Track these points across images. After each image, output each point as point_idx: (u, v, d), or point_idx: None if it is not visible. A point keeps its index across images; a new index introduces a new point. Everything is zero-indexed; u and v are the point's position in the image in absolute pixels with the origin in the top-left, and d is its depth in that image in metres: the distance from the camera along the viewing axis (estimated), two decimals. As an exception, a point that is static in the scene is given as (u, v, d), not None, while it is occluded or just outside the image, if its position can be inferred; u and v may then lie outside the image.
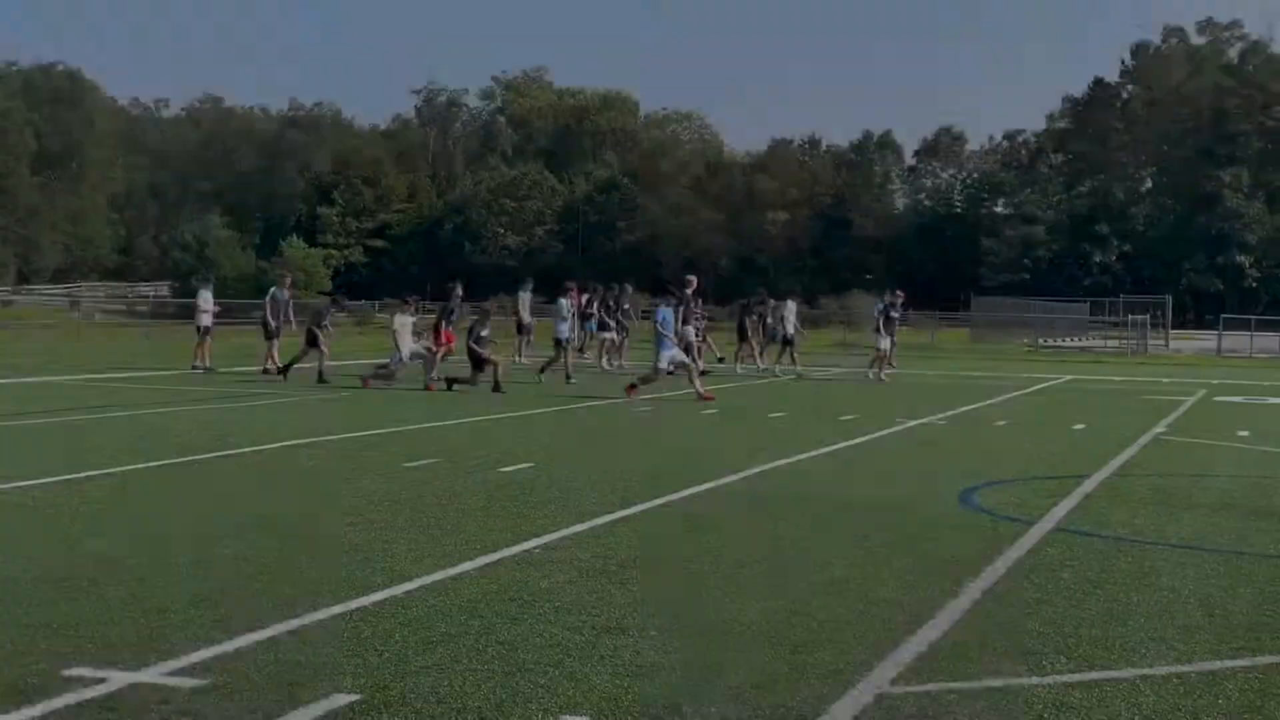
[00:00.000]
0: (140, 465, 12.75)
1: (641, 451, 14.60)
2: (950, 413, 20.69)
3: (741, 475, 12.71)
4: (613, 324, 31.20)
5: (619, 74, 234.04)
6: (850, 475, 12.88)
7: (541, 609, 7.11)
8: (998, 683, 5.96)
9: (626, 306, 32.09)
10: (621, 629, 6.73)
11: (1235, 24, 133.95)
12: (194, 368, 28.42)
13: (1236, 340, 57.06)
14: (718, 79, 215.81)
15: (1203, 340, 65.81)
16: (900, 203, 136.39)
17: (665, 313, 22.88)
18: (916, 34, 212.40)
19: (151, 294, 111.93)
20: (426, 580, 7.76)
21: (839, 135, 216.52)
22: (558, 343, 27.18)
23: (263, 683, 5.75)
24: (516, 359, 31.22)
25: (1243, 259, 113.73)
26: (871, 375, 28.27)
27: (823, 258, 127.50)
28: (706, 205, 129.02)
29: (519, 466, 13.06)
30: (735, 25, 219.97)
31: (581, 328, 31.88)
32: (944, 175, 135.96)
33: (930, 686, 5.89)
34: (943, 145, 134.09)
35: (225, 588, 7.51)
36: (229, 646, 6.29)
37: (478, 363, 23.63)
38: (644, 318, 33.44)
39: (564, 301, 27.82)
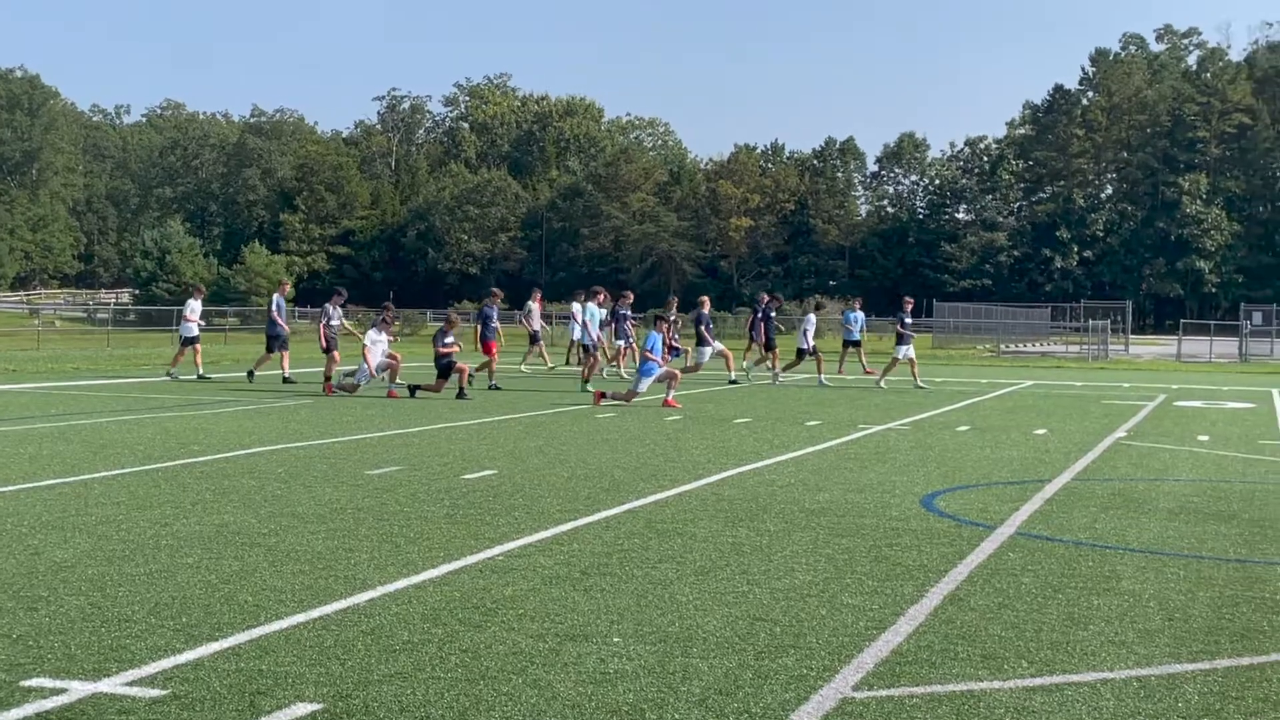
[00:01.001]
0: (102, 473, 12.66)
1: (606, 458, 14.59)
2: (913, 418, 20.77)
3: (705, 481, 12.74)
4: (628, 331, 31.33)
5: (582, 80, 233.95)
6: (814, 481, 12.91)
7: (504, 616, 7.10)
8: (960, 687, 5.98)
9: (626, 313, 31.99)
10: (585, 636, 6.73)
11: (1193, 31, 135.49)
12: (168, 375, 28.29)
13: (1196, 345, 57.51)
14: (681, 85, 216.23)
15: (1163, 345, 66.35)
16: (863, 209, 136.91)
17: (654, 338, 23.20)
18: (878, 40, 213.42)
19: (113, 301, 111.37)
20: (389, 588, 7.75)
21: (802, 141, 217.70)
22: (586, 349, 27.45)
23: (224, 692, 5.72)
24: (522, 368, 31.33)
25: (1202, 264, 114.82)
26: (884, 383, 28.51)
27: (786, 264, 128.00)
28: (670, 211, 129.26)
29: (483, 473, 13.04)
30: (698, 31, 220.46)
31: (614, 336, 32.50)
32: (906, 182, 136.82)
33: (893, 691, 5.91)
34: (905, 152, 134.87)
35: (186, 597, 7.47)
36: (190, 656, 6.26)
37: (444, 370, 23.62)
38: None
39: (592, 306, 28.17)
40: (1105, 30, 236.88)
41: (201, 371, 28.39)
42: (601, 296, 30.95)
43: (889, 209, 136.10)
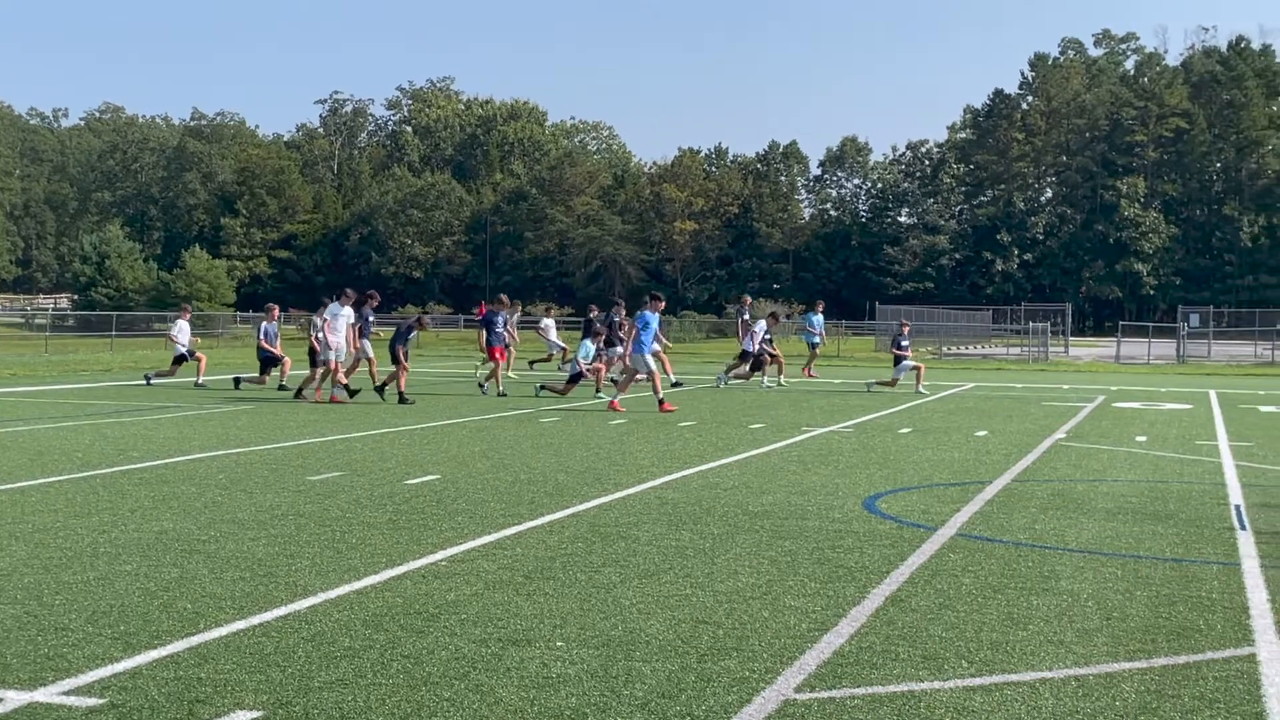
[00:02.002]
0: (39, 480, 12.52)
1: (550, 462, 14.57)
2: (856, 421, 20.88)
3: (649, 485, 12.75)
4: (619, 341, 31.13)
5: (526, 84, 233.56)
6: (757, 483, 12.95)
7: (447, 622, 7.08)
8: (901, 688, 6.02)
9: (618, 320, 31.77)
10: (528, 641, 6.72)
11: (1131, 36, 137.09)
12: (152, 378, 28.16)
13: (1134, 347, 58.11)
14: (625, 88, 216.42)
15: (1102, 347, 67.04)
16: (806, 212, 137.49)
17: (645, 316, 23.47)
18: (820, 44, 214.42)
19: (51, 306, 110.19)
20: (330, 595, 7.70)
21: (745, 145, 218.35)
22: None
23: (163, 701, 5.67)
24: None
25: (1140, 267, 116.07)
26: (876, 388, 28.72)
27: (730, 267, 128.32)
28: (614, 215, 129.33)
29: (425, 478, 13.00)
30: (641, 35, 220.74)
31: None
32: (849, 185, 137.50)
33: (835, 693, 5.94)
34: (847, 155, 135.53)
35: (125, 605, 7.40)
36: (128, 664, 6.20)
37: (395, 360, 23.59)
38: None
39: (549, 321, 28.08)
40: (1044, 35, 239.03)
41: (200, 380, 28.28)
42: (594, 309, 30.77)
43: (832, 212, 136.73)
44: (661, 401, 22.29)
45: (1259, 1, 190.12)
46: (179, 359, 29.10)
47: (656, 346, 24.76)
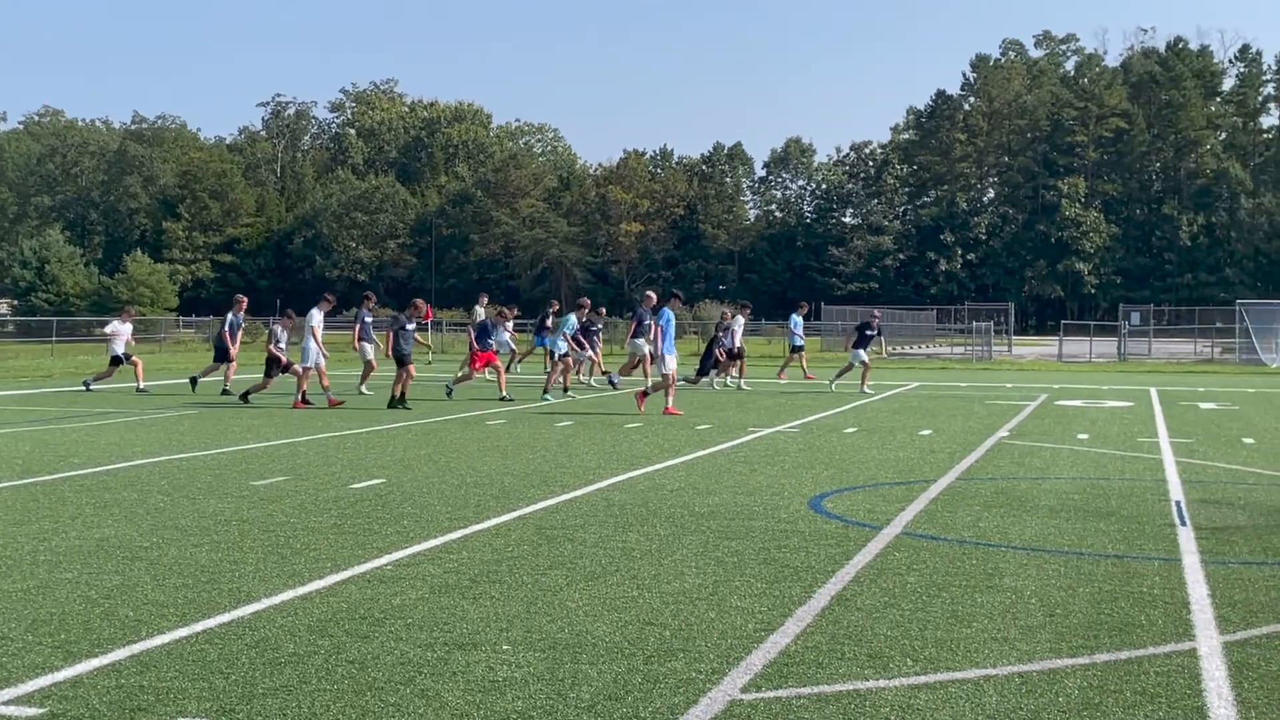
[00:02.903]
0: (-24, 489, 12.36)
1: (496, 465, 14.54)
2: (802, 421, 20.95)
3: (596, 487, 12.74)
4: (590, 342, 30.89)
5: (470, 87, 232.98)
6: (704, 484, 12.97)
7: (392, 626, 7.05)
8: (846, 687, 6.04)
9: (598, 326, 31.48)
10: (474, 644, 6.70)
11: (1071, 37, 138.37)
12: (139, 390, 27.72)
13: (1076, 345, 58.68)
14: (570, 91, 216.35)
15: (1044, 346, 67.61)
16: (751, 214, 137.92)
17: (667, 314, 23.35)
18: (765, 45, 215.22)
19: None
20: (274, 600, 7.65)
21: (690, 147, 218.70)
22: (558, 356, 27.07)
23: (104, 710, 5.61)
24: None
25: (1081, 266, 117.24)
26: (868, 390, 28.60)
27: (676, 268, 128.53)
28: (560, 217, 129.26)
29: (371, 482, 12.93)
30: (586, 37, 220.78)
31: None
32: (793, 186, 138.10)
33: (781, 693, 5.95)
34: (792, 157, 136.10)
35: (66, 613, 7.31)
36: (69, 673, 6.13)
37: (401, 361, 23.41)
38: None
39: (571, 319, 27.55)
40: (986, 36, 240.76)
41: (141, 385, 27.88)
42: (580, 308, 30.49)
43: (777, 213, 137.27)
44: (642, 395, 22.44)
45: (1197, 3, 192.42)
46: (115, 360, 28.58)
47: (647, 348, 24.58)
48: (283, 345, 24.76)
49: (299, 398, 23.42)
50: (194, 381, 27.33)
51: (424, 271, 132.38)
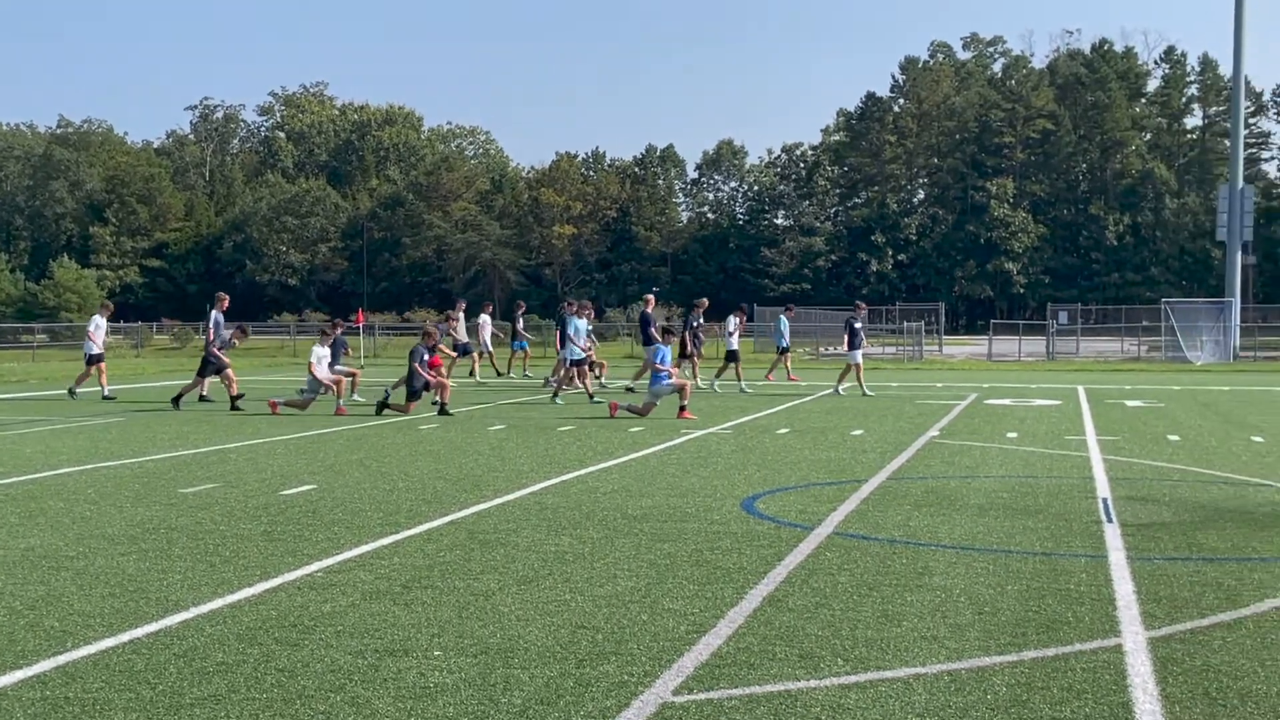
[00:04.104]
0: (-103, 500, 12.15)
1: (428, 469, 14.48)
2: (735, 422, 21.01)
3: (529, 490, 12.72)
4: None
5: (401, 89, 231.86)
6: (637, 487, 12.98)
7: (323, 634, 7.00)
8: (777, 688, 6.07)
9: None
10: (405, 651, 6.67)
11: (998, 39, 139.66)
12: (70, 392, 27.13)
13: (1006, 345, 59.27)
14: (501, 93, 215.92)
15: (974, 345, 68.22)
16: (684, 215, 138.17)
17: (663, 351, 23.34)
18: (695, 48, 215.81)
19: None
20: (202, 609, 7.58)
21: (623, 149, 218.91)
22: (572, 363, 26.56)
23: (28, 723, 5.54)
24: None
25: (1010, 266, 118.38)
26: (843, 390, 28.51)
27: (609, 270, 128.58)
28: (493, 220, 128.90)
29: (301, 489, 12.84)
30: (517, 39, 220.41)
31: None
32: (726, 188, 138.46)
33: (713, 694, 5.97)
34: (724, 159, 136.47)
35: (-12, 625, 7.21)
36: (-8, 687, 6.05)
37: (418, 391, 22.98)
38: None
39: (580, 323, 27.10)
40: (914, 38, 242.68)
41: (106, 392, 27.36)
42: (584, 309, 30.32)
43: (709, 215, 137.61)
44: (644, 406, 22.30)
45: (1121, 5, 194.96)
46: (92, 359, 27.81)
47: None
48: (213, 338, 24.43)
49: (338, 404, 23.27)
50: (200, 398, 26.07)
51: (356, 275, 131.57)
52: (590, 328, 28.83)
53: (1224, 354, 52.95)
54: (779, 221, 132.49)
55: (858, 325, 28.88)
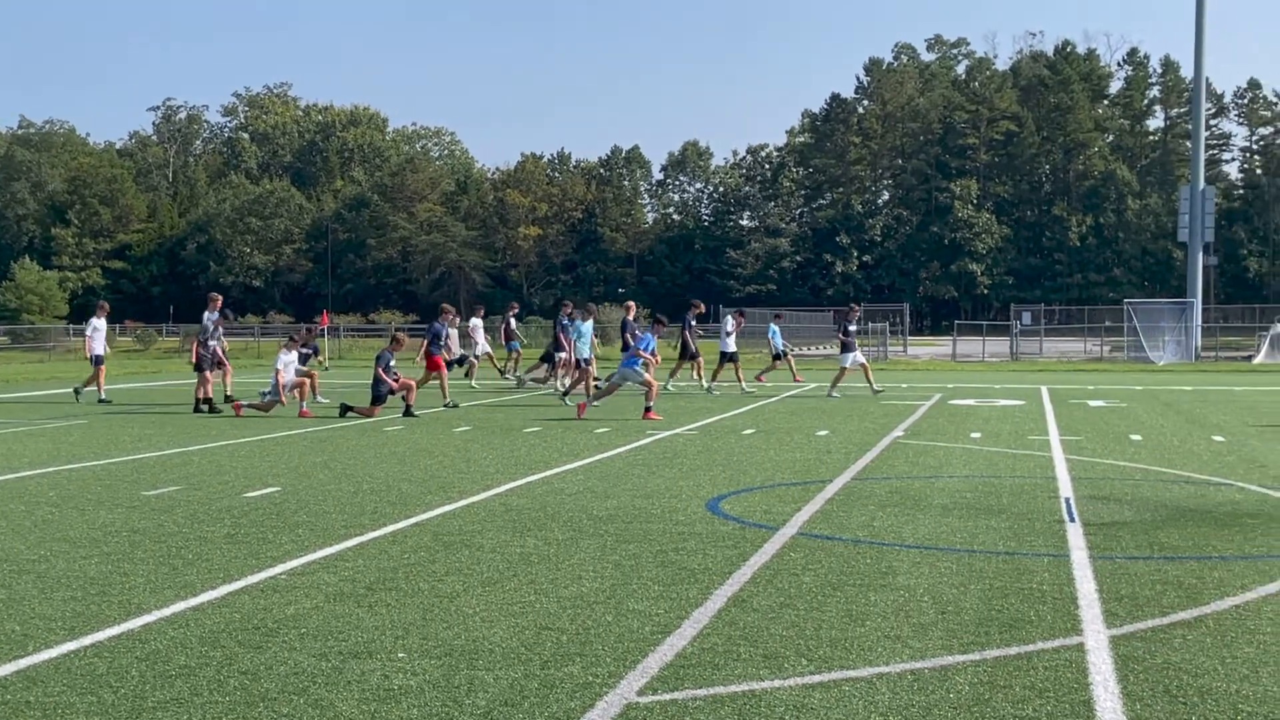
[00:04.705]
0: None
1: (393, 471, 14.44)
2: (700, 423, 21.03)
3: (494, 492, 12.70)
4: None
5: (366, 90, 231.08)
6: (602, 488, 12.98)
7: (286, 636, 6.97)
8: (742, 688, 6.08)
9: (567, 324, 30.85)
10: (369, 653, 6.65)
11: (962, 41, 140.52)
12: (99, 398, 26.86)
13: (970, 345, 59.51)
14: (466, 94, 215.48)
15: (939, 346, 68.47)
16: (650, 217, 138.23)
17: (649, 340, 23.49)
18: (661, 49, 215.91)
19: None
20: (165, 612, 7.54)
21: (588, 150, 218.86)
22: (579, 364, 26.37)
23: (-12, 728, 5.50)
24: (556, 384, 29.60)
25: (974, 267, 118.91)
26: (836, 394, 28.34)
27: (575, 272, 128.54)
28: (458, 221, 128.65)
29: (265, 491, 12.79)
30: (482, 40, 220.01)
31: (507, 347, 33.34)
32: (691, 189, 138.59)
33: (677, 695, 5.98)
34: (689, 160, 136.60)
35: (-52, 630, 7.15)
36: (-49, 692, 6.00)
37: (381, 396, 22.89)
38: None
39: (586, 326, 26.91)
40: (879, 40, 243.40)
41: (102, 395, 27.18)
42: (575, 310, 30.21)
43: (675, 216, 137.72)
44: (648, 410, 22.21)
45: (1084, 7, 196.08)
46: (98, 359, 27.59)
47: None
48: (207, 340, 24.21)
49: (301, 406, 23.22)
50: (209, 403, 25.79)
51: (320, 277, 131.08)
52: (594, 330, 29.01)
53: (1186, 354, 53.35)
54: (744, 223, 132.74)
55: (852, 328, 29.01)
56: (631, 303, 34.13)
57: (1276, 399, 27.75)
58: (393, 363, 23.17)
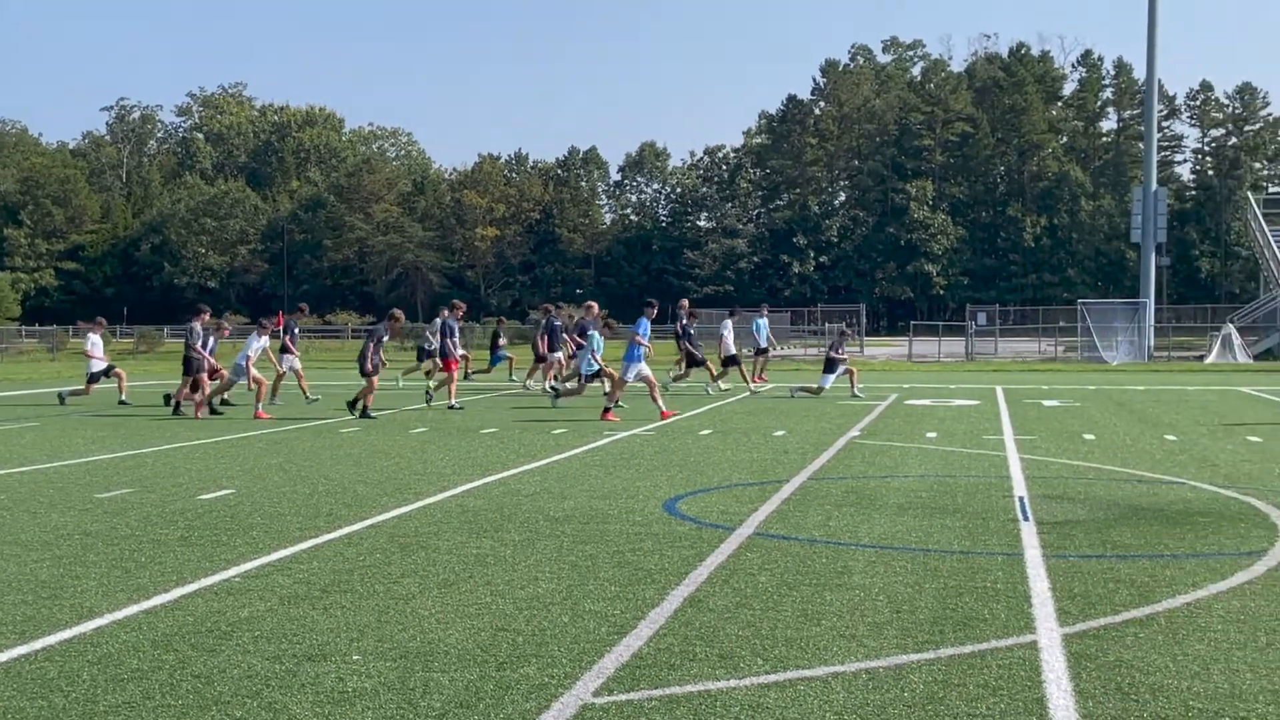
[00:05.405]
0: None
1: (349, 472, 14.38)
2: (658, 424, 21.04)
3: (450, 493, 12.67)
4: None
5: (321, 90, 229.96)
6: (559, 489, 12.97)
7: (240, 639, 6.93)
8: (697, 688, 6.09)
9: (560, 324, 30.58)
10: (323, 656, 6.62)
11: (918, 43, 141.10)
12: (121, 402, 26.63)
13: (926, 346, 59.80)
14: (422, 95, 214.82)
15: (895, 346, 68.79)
16: (607, 217, 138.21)
17: (644, 324, 23.50)
18: (617, 50, 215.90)
19: None
20: (117, 615, 7.48)
21: (545, 151, 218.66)
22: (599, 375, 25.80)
23: (-64, 734, 5.44)
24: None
25: (930, 268, 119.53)
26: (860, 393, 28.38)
27: (532, 273, 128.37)
28: (415, 222, 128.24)
29: (220, 493, 12.71)
30: (438, 41, 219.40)
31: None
32: (649, 190, 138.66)
33: (633, 695, 5.98)
34: (647, 161, 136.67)
35: (-104, 635, 7.07)
36: (-101, 697, 5.93)
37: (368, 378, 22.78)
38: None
39: (596, 335, 26.62)
40: (835, 41, 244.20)
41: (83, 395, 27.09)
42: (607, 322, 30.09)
43: (633, 217, 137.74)
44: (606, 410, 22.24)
45: (1038, 10, 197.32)
46: (93, 377, 27.32)
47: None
48: (200, 347, 24.02)
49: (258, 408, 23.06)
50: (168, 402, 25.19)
51: (276, 278, 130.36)
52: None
53: (1138, 354, 53.80)
54: (702, 223, 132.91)
55: (847, 331, 29.53)
56: (593, 303, 33.90)
57: (1227, 398, 28.03)
58: (386, 339, 23.22)
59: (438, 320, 34.07)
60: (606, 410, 22.12)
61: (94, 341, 27.71)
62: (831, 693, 6.01)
